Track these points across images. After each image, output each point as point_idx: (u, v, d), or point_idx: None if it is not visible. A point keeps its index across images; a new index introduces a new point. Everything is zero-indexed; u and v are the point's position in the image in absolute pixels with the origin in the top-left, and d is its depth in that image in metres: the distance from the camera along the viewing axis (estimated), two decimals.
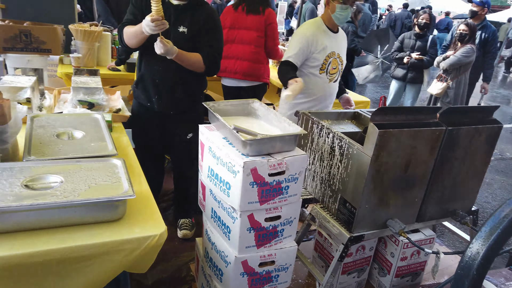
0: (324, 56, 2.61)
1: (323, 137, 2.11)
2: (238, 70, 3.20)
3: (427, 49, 4.76)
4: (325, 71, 2.67)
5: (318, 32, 2.60)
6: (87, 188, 1.19)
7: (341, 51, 2.71)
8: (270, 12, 3.13)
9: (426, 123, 1.87)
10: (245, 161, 1.56)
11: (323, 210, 2.10)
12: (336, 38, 2.68)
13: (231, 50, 3.22)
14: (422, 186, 1.98)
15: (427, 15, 4.74)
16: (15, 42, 3.04)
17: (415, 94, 5.02)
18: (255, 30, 3.12)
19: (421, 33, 4.79)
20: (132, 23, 2.19)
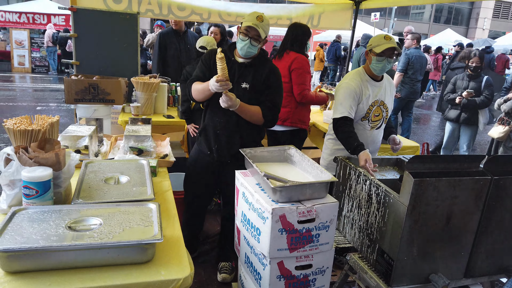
0: (368, 105, 2.63)
1: (361, 184, 2.08)
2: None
3: (481, 89, 4.56)
4: (367, 119, 2.67)
5: (362, 83, 2.64)
6: (121, 231, 1.30)
7: (385, 98, 2.71)
8: (297, 57, 3.19)
9: (468, 172, 1.78)
10: (273, 208, 1.59)
11: (361, 260, 2.03)
12: (379, 86, 2.69)
13: None
14: (468, 239, 1.85)
15: (477, 58, 4.59)
16: (85, 94, 3.45)
17: (470, 136, 4.75)
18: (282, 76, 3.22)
19: (474, 74, 4.64)
20: (200, 79, 2.40)
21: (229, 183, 2.46)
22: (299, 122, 3.28)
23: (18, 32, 13.38)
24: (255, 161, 2.07)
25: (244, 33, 2.28)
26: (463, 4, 31.14)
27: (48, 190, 1.45)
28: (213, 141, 2.43)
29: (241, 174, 1.96)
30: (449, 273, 1.88)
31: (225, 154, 2.44)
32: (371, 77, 2.67)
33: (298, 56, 3.18)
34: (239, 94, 2.30)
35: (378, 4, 4.70)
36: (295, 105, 3.24)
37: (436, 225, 1.77)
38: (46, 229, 1.26)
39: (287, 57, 3.21)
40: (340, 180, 2.28)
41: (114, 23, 3.77)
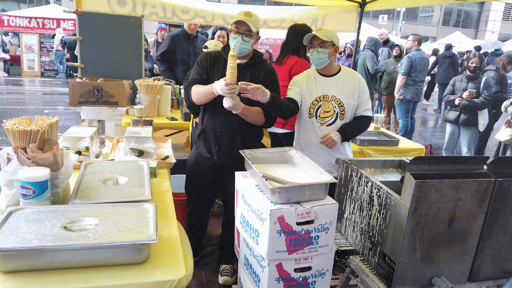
0: (311, 100, 2.64)
1: (362, 186, 2.05)
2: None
3: (480, 90, 4.52)
4: (314, 115, 2.67)
5: (306, 78, 2.69)
6: (116, 231, 1.29)
7: (337, 93, 2.66)
8: (297, 61, 3.18)
9: (472, 174, 1.75)
10: (272, 209, 1.57)
11: (363, 263, 2.00)
12: (328, 82, 2.67)
13: None
14: (472, 242, 1.81)
15: (476, 58, 4.56)
16: (89, 96, 3.47)
17: (470, 138, 4.70)
18: (281, 80, 3.19)
19: (473, 75, 4.59)
20: (199, 82, 2.37)
21: (229, 187, 2.45)
22: None
23: (28, 36, 13.58)
24: (255, 163, 2.05)
25: (235, 31, 2.28)
26: (473, 7, 30.91)
27: (45, 190, 1.45)
28: (213, 143, 2.40)
29: (241, 175, 1.94)
30: (452, 277, 1.85)
31: (226, 156, 2.42)
32: (320, 73, 2.69)
33: (298, 60, 3.17)
34: (238, 95, 2.28)
35: (384, 6, 4.67)
36: None
37: (438, 227, 1.74)
38: (41, 229, 1.26)
39: (288, 61, 3.21)
40: (342, 182, 2.26)
41: (118, 26, 3.80)
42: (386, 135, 3.62)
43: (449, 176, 1.70)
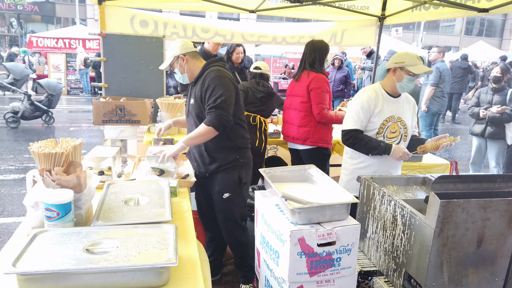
0: (381, 120, 2.59)
1: (385, 204, 2.01)
2: (289, 134, 3.40)
3: (506, 102, 4.36)
4: (382, 136, 2.62)
5: (375, 97, 2.60)
6: (137, 254, 1.30)
7: (403, 115, 2.64)
8: (315, 77, 3.18)
9: (500, 193, 1.68)
10: (292, 230, 1.55)
11: (387, 284, 1.94)
12: (396, 103, 2.63)
13: (286, 115, 3.45)
14: (503, 263, 1.74)
15: (498, 68, 4.42)
16: (112, 115, 3.55)
17: (498, 151, 4.52)
18: (300, 96, 3.26)
19: (497, 87, 4.45)
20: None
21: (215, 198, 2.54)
22: (320, 141, 3.26)
23: (55, 56, 14.12)
24: (275, 181, 2.04)
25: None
26: (496, 15, 30.32)
27: (69, 212, 1.48)
28: (192, 159, 2.59)
29: (261, 194, 1.93)
30: None
31: (201, 169, 2.51)
32: (388, 93, 2.62)
33: (316, 76, 3.18)
34: (191, 111, 2.46)
35: (403, 19, 4.63)
36: (314, 124, 3.23)
37: (466, 249, 1.68)
38: (64, 252, 1.28)
39: (305, 77, 3.22)
40: (364, 201, 2.21)
41: (141, 47, 3.90)
42: None
43: (476, 195, 1.64)
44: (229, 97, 2.29)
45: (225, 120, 2.26)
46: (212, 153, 2.44)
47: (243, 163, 2.47)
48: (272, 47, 17.97)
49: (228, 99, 2.28)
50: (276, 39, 4.46)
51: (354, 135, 2.61)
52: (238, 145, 2.45)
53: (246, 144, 2.53)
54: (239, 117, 2.47)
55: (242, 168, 2.46)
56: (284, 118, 3.47)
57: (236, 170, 2.44)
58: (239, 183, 2.45)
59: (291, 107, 3.36)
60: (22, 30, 19.75)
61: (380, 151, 2.57)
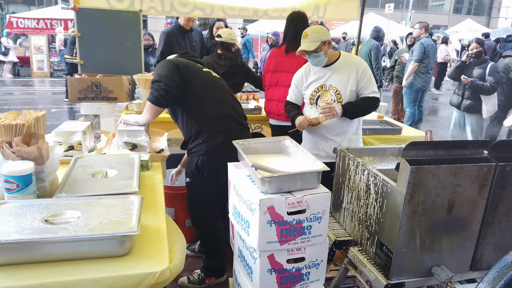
0: (310, 91, 2.72)
1: (359, 174, 2.00)
2: (281, 112, 3.25)
3: (485, 76, 4.39)
4: (314, 105, 2.73)
5: (306, 72, 2.76)
6: (98, 223, 1.26)
7: (335, 81, 2.65)
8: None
9: (471, 159, 1.68)
10: (261, 199, 1.53)
11: (361, 253, 1.95)
12: (328, 71, 2.68)
13: (274, 93, 3.30)
14: (473, 230, 1.75)
15: (475, 43, 4.45)
16: (87, 92, 3.46)
17: (474, 125, 4.56)
18: (294, 72, 3.12)
19: (478, 60, 4.49)
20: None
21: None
22: None
23: (37, 37, 13.72)
24: (249, 153, 2.01)
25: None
26: None
27: (30, 184, 1.43)
28: None
29: (233, 166, 1.90)
30: (453, 265, 1.78)
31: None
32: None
33: None
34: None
35: None
36: None
37: (437, 215, 1.68)
38: (21, 222, 1.24)
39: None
40: (340, 172, 2.20)
41: (116, 22, 3.78)
42: (389, 124, 3.54)
43: (446, 162, 1.63)
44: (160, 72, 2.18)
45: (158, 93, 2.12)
46: (185, 135, 2.39)
47: (207, 151, 2.26)
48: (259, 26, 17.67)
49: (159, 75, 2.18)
50: (257, 13, 4.35)
51: (287, 107, 2.87)
52: (201, 131, 2.27)
53: (212, 132, 2.27)
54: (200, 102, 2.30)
55: (204, 156, 2.26)
56: (269, 95, 3.35)
57: (196, 156, 2.29)
58: (197, 172, 2.30)
59: (280, 84, 3.24)
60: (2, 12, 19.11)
61: (292, 121, 2.78)
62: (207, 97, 2.31)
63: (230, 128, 2.34)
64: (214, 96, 2.35)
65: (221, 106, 2.35)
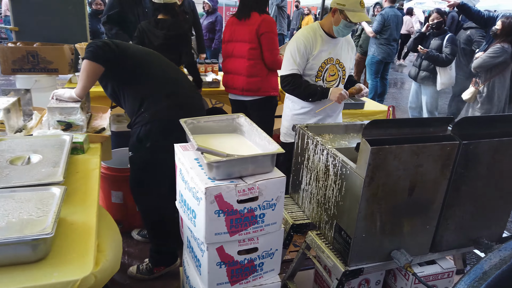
0: (320, 62, 2.43)
1: (318, 154, 1.86)
2: (236, 85, 3.03)
3: (442, 48, 4.36)
4: (321, 79, 2.46)
5: (313, 38, 2.42)
6: (4, 224, 1.05)
7: (341, 56, 2.48)
8: (264, 19, 2.85)
9: (434, 137, 1.57)
10: (207, 187, 1.36)
11: (319, 237, 1.84)
12: (335, 44, 2.46)
13: (229, 64, 3.06)
14: (435, 211, 1.67)
15: (436, 14, 4.39)
16: (23, 63, 3.09)
17: (429, 97, 4.58)
18: (248, 42, 2.90)
19: (437, 31, 4.45)
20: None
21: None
22: (271, 89, 3.01)
23: None
24: (198, 133, 1.81)
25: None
26: None
27: None
28: None
29: (180, 148, 1.71)
30: (413, 248, 1.71)
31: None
32: (327, 33, 2.42)
33: (265, 18, 2.84)
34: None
35: None
36: (266, 73, 2.95)
37: (398, 197, 1.57)
38: None
39: (252, 19, 2.87)
40: (299, 151, 2.06)
41: None
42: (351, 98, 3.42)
43: (409, 141, 1.51)
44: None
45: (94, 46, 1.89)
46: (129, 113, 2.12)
47: (150, 119, 1.99)
48: None
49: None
50: None
51: (292, 80, 2.44)
52: (143, 101, 2.01)
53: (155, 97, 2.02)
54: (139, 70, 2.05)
55: (147, 125, 1.99)
56: (225, 67, 3.11)
57: (138, 127, 2.02)
58: (139, 144, 2.03)
59: (235, 55, 2.99)
60: None
61: (318, 96, 2.41)
62: (146, 64, 2.07)
63: (176, 92, 2.10)
64: (154, 62, 2.12)
65: (162, 69, 2.12)
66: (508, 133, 1.67)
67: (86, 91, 2.00)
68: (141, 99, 2.01)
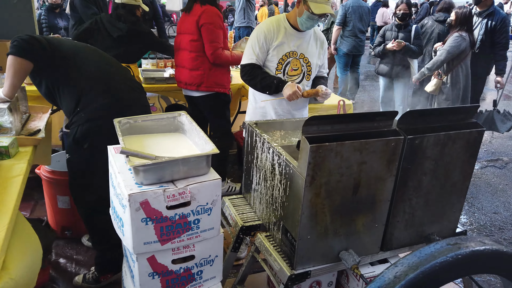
0: (280, 55, 2.33)
1: (265, 152, 1.77)
2: (181, 79, 2.96)
3: (411, 40, 4.32)
4: (282, 72, 2.36)
5: (276, 28, 2.32)
6: None
7: (307, 52, 2.38)
8: (206, 10, 2.75)
9: (377, 133, 1.50)
10: (131, 193, 1.25)
11: (268, 239, 1.76)
12: (301, 38, 2.36)
13: (177, 57, 3.00)
14: (382, 209, 1.61)
15: (404, 5, 4.32)
16: None
17: (404, 90, 4.57)
18: (190, 33, 2.82)
19: (402, 23, 4.37)
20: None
21: None
22: (216, 85, 2.89)
23: None
24: (137, 133, 1.71)
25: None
26: None
27: None
28: None
29: (113, 150, 1.59)
30: (363, 247, 1.65)
31: None
32: (292, 26, 2.33)
33: (206, 9, 2.74)
34: None
35: None
36: (209, 67, 2.84)
37: (342, 196, 1.50)
38: None
39: (194, 10, 2.78)
40: (249, 149, 1.97)
41: None
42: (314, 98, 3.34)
43: (351, 137, 1.44)
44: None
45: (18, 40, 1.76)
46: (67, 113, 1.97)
47: (87, 118, 1.87)
48: None
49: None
50: None
51: (250, 71, 2.35)
52: (79, 99, 1.88)
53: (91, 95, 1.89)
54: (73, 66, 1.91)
55: (84, 126, 1.87)
56: (176, 60, 3.03)
57: (75, 126, 1.89)
58: (76, 145, 1.90)
59: (181, 47, 2.91)
60: None
61: (274, 89, 2.32)
62: (81, 61, 1.93)
63: (115, 88, 1.96)
64: (90, 58, 1.99)
65: (99, 66, 1.98)
66: (455, 126, 1.62)
67: (15, 89, 1.85)
68: (77, 97, 1.88)
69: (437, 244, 0.75)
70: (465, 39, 3.79)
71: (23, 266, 1.14)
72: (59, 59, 1.86)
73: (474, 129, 1.63)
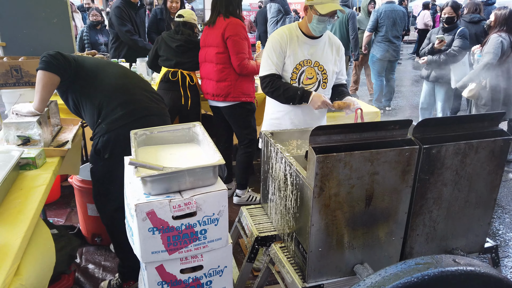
0: (294, 64, 2.30)
1: (279, 162, 1.76)
2: (208, 90, 3.01)
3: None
4: (296, 81, 2.32)
5: (289, 37, 2.30)
6: None
7: (321, 59, 2.34)
8: (230, 22, 2.81)
9: (390, 142, 1.45)
10: (138, 203, 1.29)
11: (282, 251, 1.73)
12: (315, 45, 2.33)
13: (203, 70, 3.06)
14: (399, 221, 1.54)
15: (449, 8, 4.14)
16: (7, 77, 3.12)
17: (444, 96, 4.35)
18: (215, 46, 2.87)
19: (448, 26, 4.20)
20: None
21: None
22: (242, 95, 2.93)
23: None
24: (152, 144, 1.76)
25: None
26: None
27: None
28: None
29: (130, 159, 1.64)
30: (380, 261, 1.58)
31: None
32: (305, 34, 2.31)
33: (230, 21, 2.79)
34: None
35: None
36: (235, 78, 2.88)
37: (354, 208, 1.46)
38: None
39: (218, 23, 2.84)
40: (265, 159, 1.96)
41: None
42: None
43: (361, 147, 1.39)
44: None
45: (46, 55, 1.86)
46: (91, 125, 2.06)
47: (107, 129, 1.92)
48: None
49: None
50: None
51: (271, 82, 2.32)
52: (100, 110, 1.96)
53: (111, 106, 1.95)
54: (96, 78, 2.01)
55: (104, 136, 1.93)
56: (201, 73, 3.09)
57: (97, 137, 1.96)
58: (97, 156, 1.97)
59: (207, 60, 2.97)
60: None
61: (298, 100, 2.30)
62: (102, 74, 2.03)
63: (133, 99, 2.01)
64: (111, 70, 2.09)
65: (119, 77, 2.07)
66: (478, 135, 1.52)
67: (45, 103, 1.96)
68: (98, 109, 1.96)
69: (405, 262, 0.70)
70: (505, 39, 3.58)
71: (35, 273, 1.20)
72: (83, 73, 1.96)
73: (499, 138, 1.53)
